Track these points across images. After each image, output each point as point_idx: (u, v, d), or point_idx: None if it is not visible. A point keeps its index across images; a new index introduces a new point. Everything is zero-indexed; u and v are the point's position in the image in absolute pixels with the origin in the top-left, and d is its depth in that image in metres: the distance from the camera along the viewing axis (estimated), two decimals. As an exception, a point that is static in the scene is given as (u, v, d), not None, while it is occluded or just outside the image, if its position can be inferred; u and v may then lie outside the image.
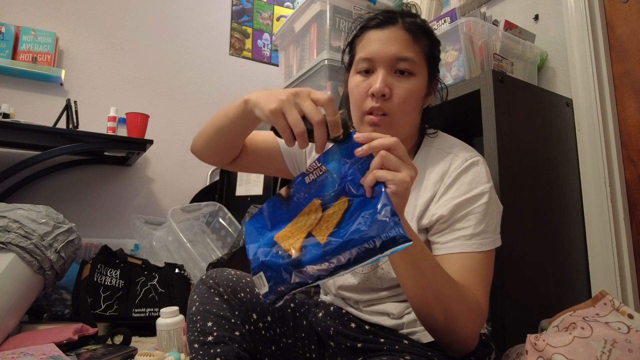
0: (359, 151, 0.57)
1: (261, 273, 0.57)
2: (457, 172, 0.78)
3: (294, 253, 0.55)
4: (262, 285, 0.57)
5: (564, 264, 1.25)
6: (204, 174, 2.61)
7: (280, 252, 0.57)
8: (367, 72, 0.81)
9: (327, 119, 0.57)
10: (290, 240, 0.57)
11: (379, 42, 0.79)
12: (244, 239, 0.65)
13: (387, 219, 0.50)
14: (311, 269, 0.53)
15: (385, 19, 0.81)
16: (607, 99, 1.35)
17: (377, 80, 0.77)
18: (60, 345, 1.20)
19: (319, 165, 0.60)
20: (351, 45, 0.88)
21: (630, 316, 0.75)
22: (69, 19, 2.31)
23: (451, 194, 0.77)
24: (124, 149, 2.07)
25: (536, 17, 1.56)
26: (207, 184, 2.56)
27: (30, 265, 1.33)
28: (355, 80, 0.82)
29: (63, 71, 2.20)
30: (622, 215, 1.28)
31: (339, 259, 0.51)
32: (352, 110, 0.84)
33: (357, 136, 0.58)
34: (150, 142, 2.03)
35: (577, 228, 1.32)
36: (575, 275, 1.28)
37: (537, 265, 1.17)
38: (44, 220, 1.38)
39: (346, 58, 0.91)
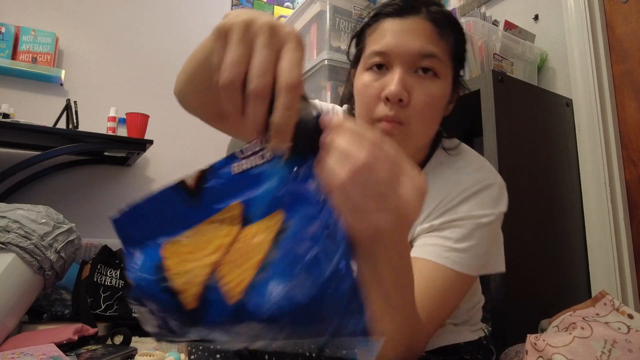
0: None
1: (142, 308, 0.37)
2: (465, 194, 0.67)
3: (187, 299, 0.34)
4: (147, 321, 0.37)
5: (564, 264, 1.25)
6: (204, 174, 2.60)
7: (165, 286, 0.35)
8: (380, 68, 0.66)
9: (273, 117, 0.34)
10: (184, 265, 0.35)
11: (398, 33, 0.65)
12: (121, 244, 0.42)
13: (345, 292, 0.31)
14: (213, 330, 0.34)
15: (406, 5, 0.67)
16: (607, 99, 1.35)
17: (394, 81, 0.63)
18: (60, 346, 1.20)
19: (261, 147, 0.37)
20: (360, 36, 0.73)
21: (630, 316, 0.75)
22: (68, 19, 2.31)
23: (449, 215, 0.65)
24: (123, 149, 2.06)
25: (536, 17, 1.56)
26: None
27: (30, 265, 1.32)
28: (364, 78, 0.67)
29: (63, 71, 2.19)
30: (622, 215, 1.28)
31: (256, 331, 0.32)
32: (359, 114, 0.69)
33: (325, 120, 0.35)
34: (150, 142, 2.03)
35: (577, 228, 1.32)
36: (575, 276, 1.28)
37: (537, 265, 1.17)
38: (44, 221, 1.38)
39: (352, 51, 0.77)
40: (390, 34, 0.65)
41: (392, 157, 0.33)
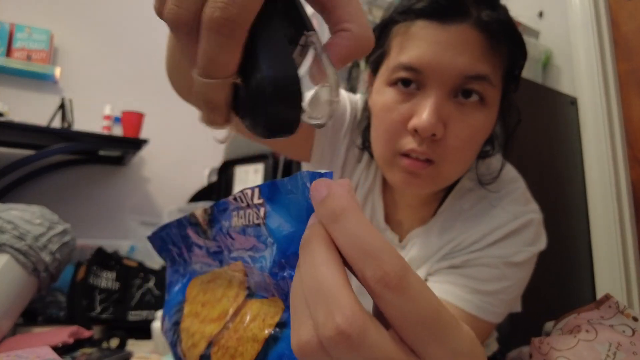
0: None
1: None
2: (498, 235, 0.56)
3: None
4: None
5: (568, 266, 1.24)
6: (202, 174, 2.59)
7: (177, 340, 0.36)
8: (407, 84, 0.50)
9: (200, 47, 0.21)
10: (193, 323, 0.34)
11: (436, 45, 0.48)
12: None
13: None
14: None
15: (450, 5, 0.49)
16: (613, 97, 1.33)
17: (426, 110, 0.47)
18: (55, 348, 1.18)
19: (256, 199, 0.27)
20: (383, 32, 0.55)
21: (635, 319, 0.74)
22: (64, 16, 2.28)
23: (477, 254, 0.55)
24: (118, 148, 2.05)
25: (540, 14, 1.54)
26: (205, 184, 2.54)
27: (24, 266, 1.30)
28: (386, 96, 0.52)
29: (58, 69, 2.17)
30: (627, 215, 1.27)
31: None
32: (376, 140, 0.54)
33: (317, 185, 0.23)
34: (145, 141, 2.01)
35: (581, 229, 1.30)
36: (579, 277, 1.26)
37: (541, 267, 1.14)
38: (38, 221, 1.35)
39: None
40: (426, 45, 0.48)
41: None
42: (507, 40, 0.51)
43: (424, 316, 0.18)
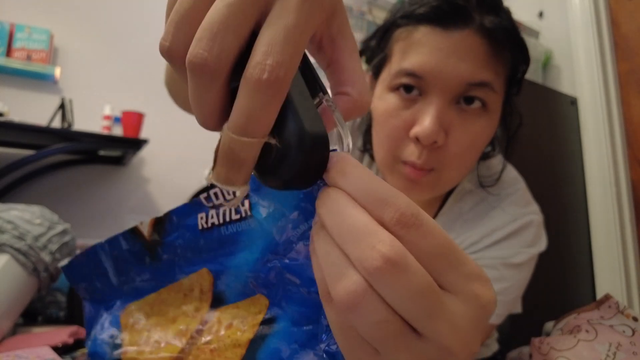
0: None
1: None
2: (497, 236, 0.56)
3: None
4: None
5: (568, 266, 1.23)
6: (202, 174, 2.59)
7: None
8: (409, 90, 0.49)
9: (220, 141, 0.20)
10: (147, 355, 0.30)
11: (438, 52, 0.48)
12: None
13: None
14: None
15: (452, 11, 0.48)
16: (613, 97, 1.33)
17: (428, 117, 0.47)
18: (55, 349, 1.18)
19: (235, 196, 0.22)
20: (384, 36, 0.54)
21: (635, 319, 0.74)
22: (64, 16, 2.28)
23: (474, 255, 0.55)
24: (118, 148, 2.04)
25: (540, 14, 1.54)
26: (205, 184, 2.54)
27: (24, 266, 1.30)
28: (387, 102, 0.51)
29: (58, 68, 2.17)
30: (628, 216, 1.26)
31: None
32: (377, 145, 0.54)
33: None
34: (145, 141, 2.01)
35: (581, 228, 1.30)
36: (579, 277, 1.26)
37: (541, 267, 1.14)
38: (38, 221, 1.35)
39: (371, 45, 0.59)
40: (428, 51, 0.48)
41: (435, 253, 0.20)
42: (510, 46, 0.51)
43: (440, 247, 0.20)
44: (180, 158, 2.50)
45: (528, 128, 1.17)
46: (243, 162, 0.20)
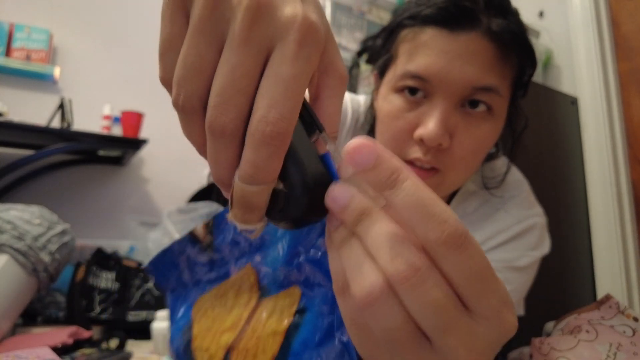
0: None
1: None
2: (501, 239, 0.56)
3: None
4: None
5: (569, 266, 1.23)
6: (202, 174, 2.58)
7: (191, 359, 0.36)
8: (414, 92, 0.49)
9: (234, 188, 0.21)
10: (205, 338, 0.35)
11: (444, 55, 0.47)
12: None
13: None
14: None
15: (459, 13, 0.47)
16: (613, 97, 1.33)
17: (433, 120, 0.47)
18: (55, 349, 1.18)
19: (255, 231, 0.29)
20: (390, 37, 0.54)
21: (636, 319, 0.74)
22: (63, 16, 2.28)
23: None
24: (118, 148, 2.05)
25: (540, 14, 1.54)
26: (205, 184, 2.54)
27: (23, 267, 1.30)
28: (392, 103, 0.51)
29: (57, 69, 2.17)
30: (628, 216, 1.26)
31: None
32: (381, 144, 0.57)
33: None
34: (145, 141, 2.01)
35: (582, 228, 1.30)
36: (580, 278, 1.26)
37: (542, 267, 1.14)
38: (38, 221, 1.35)
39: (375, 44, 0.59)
40: (435, 54, 0.47)
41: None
42: (517, 50, 0.50)
43: (481, 270, 0.19)
44: (180, 158, 2.50)
45: (528, 128, 1.17)
46: (255, 206, 0.21)
